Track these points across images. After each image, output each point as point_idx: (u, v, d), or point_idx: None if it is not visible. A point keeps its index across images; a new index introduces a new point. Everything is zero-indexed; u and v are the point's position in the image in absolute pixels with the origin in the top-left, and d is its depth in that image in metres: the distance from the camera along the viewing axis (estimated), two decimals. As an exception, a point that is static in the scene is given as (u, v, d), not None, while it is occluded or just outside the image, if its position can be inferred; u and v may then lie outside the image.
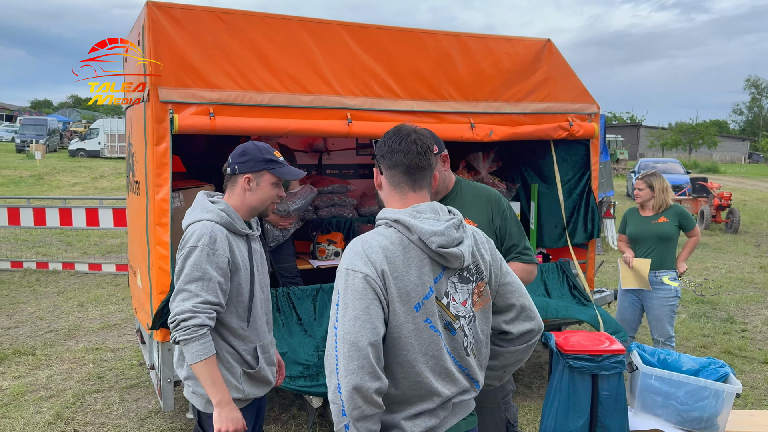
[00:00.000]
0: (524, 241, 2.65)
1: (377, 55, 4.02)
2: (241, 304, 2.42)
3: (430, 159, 1.89)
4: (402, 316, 1.73)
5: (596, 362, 3.00)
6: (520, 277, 2.53)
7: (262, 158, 2.46)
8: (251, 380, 2.46)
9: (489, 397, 2.60)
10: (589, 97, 4.79)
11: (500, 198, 2.66)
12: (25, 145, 32.98)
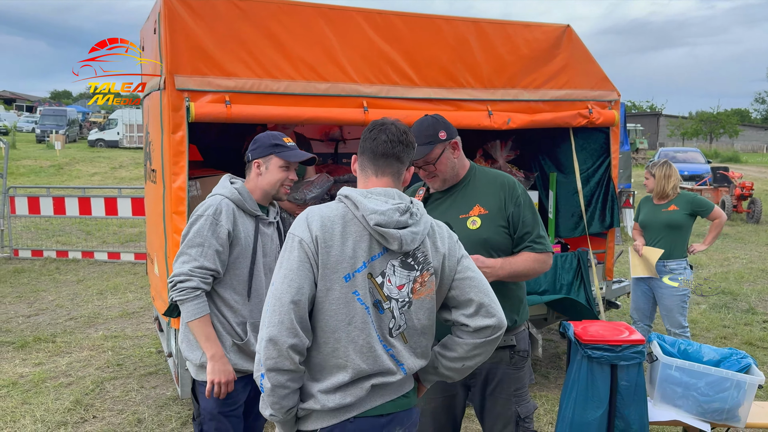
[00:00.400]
0: (538, 229, 2.56)
1: (394, 42, 3.97)
2: (238, 278, 2.56)
3: (397, 150, 1.96)
4: (329, 283, 1.83)
5: (615, 352, 2.96)
6: (531, 267, 2.53)
7: (270, 143, 2.65)
8: (240, 352, 2.57)
9: (500, 387, 2.58)
10: (609, 84, 4.71)
11: (515, 185, 2.58)
12: (45, 136, 33.36)
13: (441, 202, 2.64)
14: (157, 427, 4.20)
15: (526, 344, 2.64)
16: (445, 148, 2.55)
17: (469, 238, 2.46)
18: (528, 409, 2.60)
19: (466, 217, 2.54)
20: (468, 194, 2.59)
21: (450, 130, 2.57)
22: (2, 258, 9.41)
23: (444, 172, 2.57)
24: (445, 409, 2.69)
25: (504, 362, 2.57)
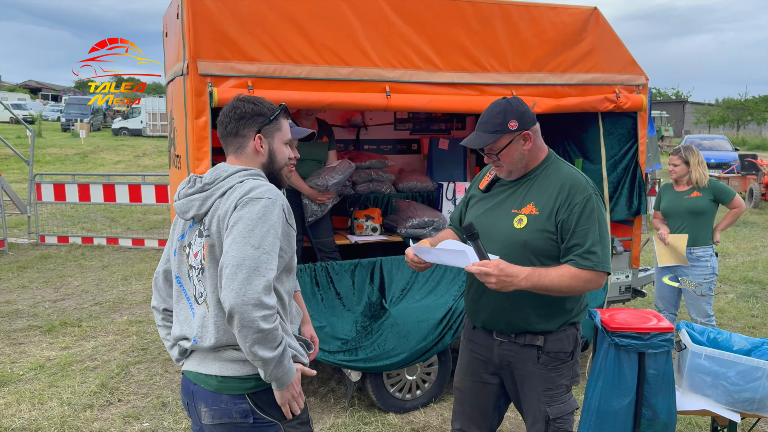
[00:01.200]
0: (592, 243, 2.28)
1: (416, 25, 3.92)
2: None
3: (229, 127, 2.10)
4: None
5: (643, 340, 2.90)
6: (567, 283, 2.27)
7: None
8: None
9: (528, 385, 2.52)
10: (637, 67, 4.60)
11: (577, 190, 2.34)
12: (70, 124, 33.81)
13: (503, 191, 2.52)
14: (181, 411, 4.25)
15: (566, 346, 2.49)
16: (514, 139, 2.37)
17: (511, 236, 2.38)
18: (562, 410, 2.47)
19: (517, 213, 2.41)
20: (529, 189, 2.44)
21: (524, 119, 2.37)
22: (29, 244, 9.57)
23: (509, 164, 2.42)
24: (475, 393, 2.67)
25: (531, 361, 2.49)
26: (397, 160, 5.93)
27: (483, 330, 2.60)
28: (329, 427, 4.04)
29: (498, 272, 2.18)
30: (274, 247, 1.91)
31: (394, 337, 4.01)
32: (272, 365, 1.90)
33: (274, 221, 1.92)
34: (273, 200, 1.95)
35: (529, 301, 2.41)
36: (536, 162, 2.47)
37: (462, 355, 2.73)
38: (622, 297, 4.95)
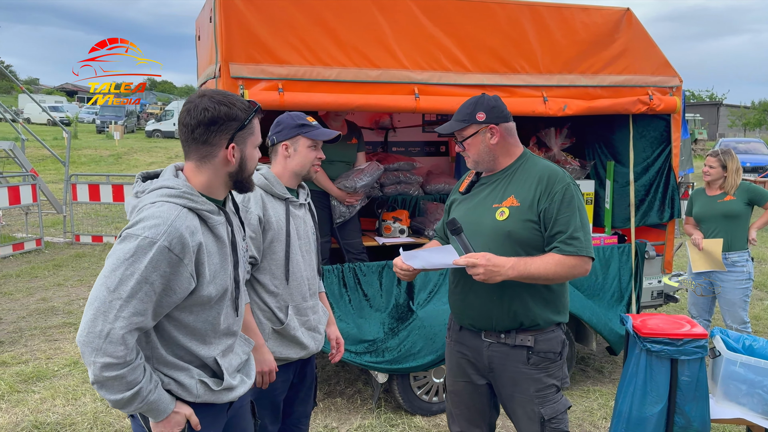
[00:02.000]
0: (574, 229, 2.34)
1: (446, 27, 3.92)
2: (275, 262, 2.55)
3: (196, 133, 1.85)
4: None
5: (676, 346, 2.85)
6: (553, 270, 2.31)
7: (295, 124, 2.62)
8: (280, 338, 2.58)
9: (520, 387, 2.50)
10: (670, 69, 4.52)
11: (556, 180, 2.40)
12: (104, 126, 34.57)
13: (484, 188, 2.58)
14: (211, 409, 4.30)
15: (555, 346, 2.50)
16: (480, 131, 2.48)
17: (495, 228, 2.43)
18: (555, 410, 2.47)
19: (498, 206, 2.46)
20: (508, 184, 2.51)
21: (492, 113, 2.47)
22: (64, 243, 9.81)
23: (474, 154, 2.52)
24: (468, 395, 2.66)
25: (520, 361, 2.48)
26: (425, 162, 5.92)
27: (470, 331, 2.59)
28: (356, 428, 4.05)
29: (485, 262, 2.25)
30: (136, 293, 1.70)
31: (420, 339, 4.00)
32: (120, 405, 1.78)
33: (143, 265, 1.69)
34: (151, 240, 1.70)
35: (517, 294, 2.43)
36: (511, 158, 2.55)
37: (450, 357, 2.71)
38: (654, 302, 4.87)
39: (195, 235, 1.79)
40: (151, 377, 1.82)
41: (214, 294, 1.88)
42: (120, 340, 1.71)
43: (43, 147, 11.74)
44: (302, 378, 2.76)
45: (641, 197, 4.68)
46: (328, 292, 3.91)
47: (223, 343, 1.98)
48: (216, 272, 1.88)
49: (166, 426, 1.88)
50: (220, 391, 1.98)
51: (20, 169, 10.82)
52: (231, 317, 1.99)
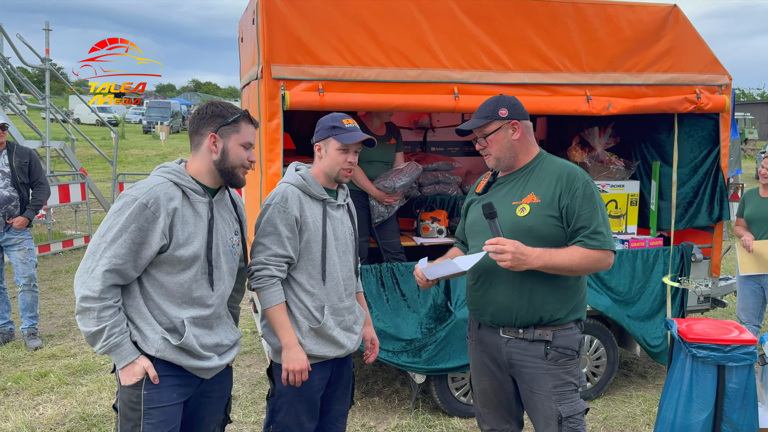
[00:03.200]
0: (596, 224, 2.41)
1: (486, 25, 3.88)
2: (312, 262, 2.59)
3: (192, 126, 2.29)
4: None
5: (723, 352, 2.77)
6: (577, 262, 2.38)
7: (328, 126, 2.64)
8: (317, 337, 2.60)
9: (538, 383, 2.51)
10: (719, 66, 4.39)
11: (576, 177, 2.47)
12: (151, 127, 35.47)
13: (501, 187, 2.62)
14: (251, 405, 4.37)
15: (571, 342, 2.51)
16: (502, 126, 2.52)
17: (516, 224, 2.46)
18: (573, 409, 2.48)
19: (518, 203, 2.51)
20: (527, 182, 2.55)
21: (515, 111, 2.54)
22: (112, 240, 10.07)
23: (496, 151, 2.55)
24: (495, 392, 2.69)
25: (539, 357, 2.50)
26: (465, 162, 5.89)
27: (490, 328, 2.61)
28: (393, 428, 4.05)
29: (514, 249, 2.31)
30: (117, 238, 2.10)
31: (458, 339, 3.98)
32: (89, 339, 2.14)
33: (125, 216, 2.11)
34: (134, 198, 2.12)
35: (537, 289, 2.47)
36: (528, 157, 2.59)
37: (473, 356, 2.75)
38: (701, 307, 4.73)
39: (172, 201, 2.17)
40: (118, 323, 2.14)
41: (185, 257, 2.19)
42: (99, 276, 2.10)
43: (92, 147, 12.11)
44: (339, 376, 2.78)
45: (689, 199, 4.56)
46: (366, 292, 3.92)
47: (194, 311, 2.25)
48: (188, 239, 2.20)
49: (126, 374, 2.18)
50: (181, 352, 2.22)
51: (70, 168, 11.17)
52: (204, 289, 2.26)
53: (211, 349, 2.31)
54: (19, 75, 10.98)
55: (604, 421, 4.14)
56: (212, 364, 2.31)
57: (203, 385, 2.37)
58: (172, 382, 2.24)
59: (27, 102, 11.30)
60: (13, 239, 5.41)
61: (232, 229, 2.39)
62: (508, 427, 2.73)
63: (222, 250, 2.32)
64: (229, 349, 2.43)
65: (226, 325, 2.41)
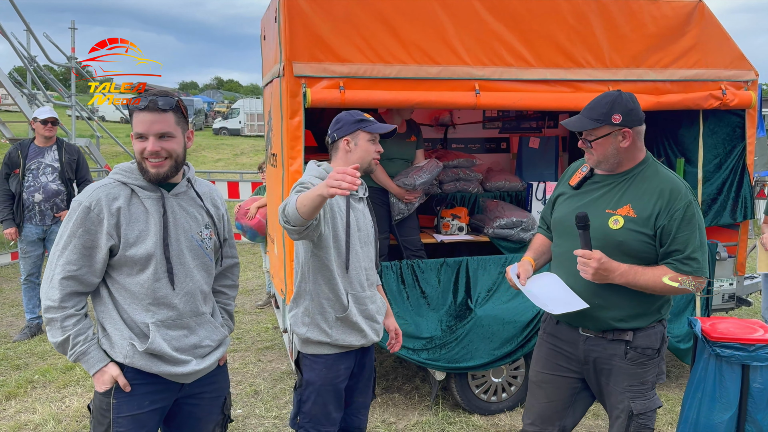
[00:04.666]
0: (691, 249, 2.30)
1: (509, 21, 3.87)
2: (338, 249, 2.63)
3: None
4: None
5: (748, 351, 2.74)
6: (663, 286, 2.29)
7: (354, 120, 2.70)
8: (343, 325, 2.65)
9: (613, 380, 2.48)
10: (745, 62, 4.32)
11: (679, 195, 2.33)
12: (175, 124, 35.79)
13: (597, 188, 2.51)
14: (272, 399, 4.41)
15: (652, 342, 2.46)
16: (612, 133, 2.37)
17: (606, 236, 2.38)
18: (646, 406, 2.45)
19: (612, 213, 2.41)
20: (626, 190, 2.43)
21: (629, 116, 2.37)
22: (137, 236, 10.23)
23: (600, 155, 2.42)
24: (551, 388, 2.64)
25: (618, 356, 2.46)
26: (486, 159, 5.87)
27: (568, 326, 2.57)
28: (413, 425, 4.07)
29: (598, 264, 2.27)
30: (67, 245, 2.12)
31: (478, 338, 3.97)
32: (59, 349, 2.16)
33: (72, 222, 2.12)
34: (79, 203, 2.13)
35: (619, 301, 2.40)
36: (633, 162, 2.45)
37: (540, 348, 2.70)
38: (726, 306, 4.67)
39: (116, 201, 2.13)
40: (82, 332, 2.15)
41: (138, 256, 2.14)
42: (57, 285, 2.11)
43: (117, 144, 12.29)
44: (362, 368, 2.82)
45: (714, 196, 4.50)
46: (386, 289, 3.94)
47: (161, 313, 2.19)
48: (139, 237, 2.14)
49: (97, 381, 2.18)
50: (151, 357, 2.16)
51: (95, 164, 11.37)
52: (166, 288, 2.18)
53: (187, 352, 2.24)
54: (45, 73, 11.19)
55: (626, 420, 4.11)
56: (188, 369, 2.22)
57: (191, 388, 2.31)
58: (144, 390, 2.19)
59: (53, 100, 11.52)
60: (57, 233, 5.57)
61: (201, 223, 2.29)
62: (552, 429, 2.66)
63: (186, 245, 2.23)
64: (213, 350, 2.35)
65: (209, 324, 2.33)
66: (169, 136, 2.15)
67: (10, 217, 5.45)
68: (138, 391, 2.19)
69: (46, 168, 5.49)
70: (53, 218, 5.54)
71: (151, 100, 2.11)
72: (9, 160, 5.49)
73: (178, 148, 2.18)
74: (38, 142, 5.54)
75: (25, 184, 5.43)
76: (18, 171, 5.42)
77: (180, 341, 2.22)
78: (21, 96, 9.71)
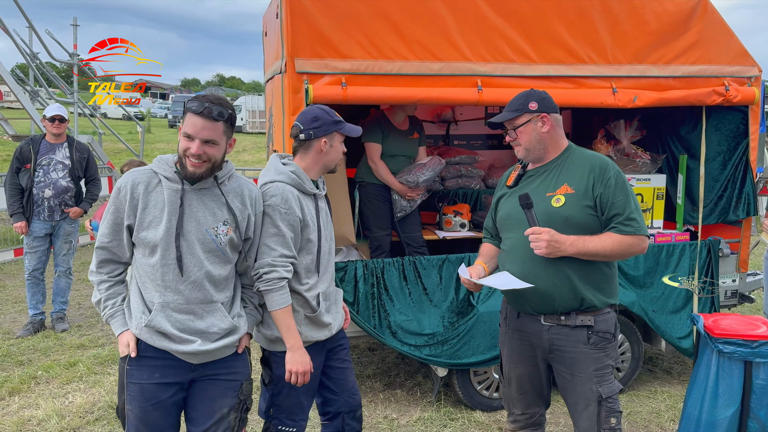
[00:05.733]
0: (630, 211, 2.53)
1: (511, 17, 3.86)
2: (310, 256, 2.67)
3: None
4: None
5: (751, 348, 2.73)
6: (611, 248, 2.48)
7: (332, 120, 2.70)
8: (311, 324, 2.70)
9: (578, 366, 2.59)
10: (749, 58, 4.30)
11: (608, 167, 2.58)
12: (176, 121, 35.86)
13: (532, 179, 2.70)
14: (274, 396, 4.41)
15: (610, 326, 2.62)
16: (532, 119, 2.62)
17: (551, 215, 2.56)
18: (612, 389, 2.58)
19: (552, 195, 2.59)
20: (559, 173, 2.64)
21: (544, 105, 2.63)
22: (139, 233, 10.23)
23: (526, 142, 2.64)
24: (529, 378, 2.77)
25: (581, 342, 2.58)
26: (488, 156, 5.86)
27: (531, 316, 2.68)
28: (415, 420, 4.07)
29: (549, 237, 2.46)
30: (104, 220, 2.38)
31: (480, 334, 3.97)
32: (96, 308, 2.44)
33: (111, 199, 2.35)
34: (116, 184, 2.36)
35: (576, 273, 2.55)
36: (558, 150, 2.68)
37: (509, 345, 2.80)
38: (728, 302, 4.66)
39: (140, 186, 2.32)
40: (112, 297, 2.41)
41: (148, 240, 2.31)
42: (95, 253, 2.41)
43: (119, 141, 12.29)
44: (339, 349, 2.88)
45: (719, 194, 4.49)
46: (389, 286, 3.95)
47: (169, 296, 2.33)
48: (151, 223, 2.31)
49: (119, 344, 2.40)
50: (154, 332, 2.32)
51: (98, 161, 11.36)
52: (173, 274, 2.32)
53: (195, 334, 2.35)
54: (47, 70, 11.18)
55: (628, 416, 4.11)
56: (190, 348, 2.33)
57: (204, 369, 2.42)
58: (153, 363, 2.35)
59: (55, 97, 11.52)
60: (65, 229, 5.66)
61: (219, 219, 2.39)
62: (538, 410, 2.84)
63: (199, 237, 2.34)
64: (221, 337, 2.42)
65: (219, 313, 2.41)
66: (213, 143, 2.29)
67: (20, 210, 5.49)
68: (147, 363, 2.35)
69: (57, 165, 5.53)
70: (61, 214, 5.58)
71: (206, 107, 2.24)
72: (20, 155, 5.52)
73: (218, 154, 2.33)
74: (49, 138, 5.59)
75: (36, 179, 5.47)
76: (29, 166, 5.46)
77: (185, 324, 2.35)
78: (23, 93, 9.71)
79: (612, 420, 2.56)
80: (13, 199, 5.49)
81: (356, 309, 3.87)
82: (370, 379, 4.73)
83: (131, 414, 2.37)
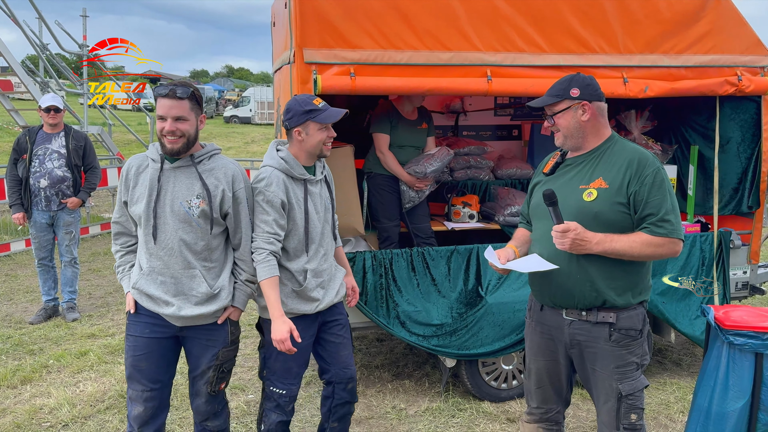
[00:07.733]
0: (665, 212, 2.41)
1: (521, 6, 3.82)
2: (296, 236, 2.87)
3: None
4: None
5: (762, 339, 2.71)
6: (639, 249, 2.39)
7: (303, 111, 2.82)
8: (297, 297, 2.89)
9: (600, 363, 2.54)
10: (762, 48, 4.25)
11: (647, 163, 2.45)
12: (185, 113, 35.88)
13: (569, 169, 2.63)
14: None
15: (635, 323, 2.53)
16: (572, 106, 2.52)
17: (582, 209, 2.48)
18: (634, 387, 2.51)
19: (585, 188, 2.52)
20: (596, 166, 2.54)
21: (587, 91, 2.52)
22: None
23: (565, 129, 2.56)
24: (549, 372, 2.74)
25: (602, 338, 2.52)
26: (497, 147, 5.83)
27: (552, 309, 2.64)
28: (423, 411, 4.08)
29: (574, 234, 2.38)
30: (118, 194, 2.75)
31: (489, 325, 3.97)
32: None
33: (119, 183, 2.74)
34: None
35: (600, 273, 2.48)
36: (599, 139, 2.58)
37: (532, 337, 2.78)
38: (739, 294, 4.63)
39: (134, 167, 2.69)
40: (122, 264, 2.82)
41: (136, 213, 2.67)
42: (112, 228, 2.83)
43: (129, 131, 12.33)
44: (334, 324, 3.05)
45: (735, 186, 4.45)
46: (397, 276, 3.95)
47: (152, 261, 2.67)
48: (137, 198, 2.65)
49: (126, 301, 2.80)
50: (140, 293, 2.70)
51: (107, 152, 11.41)
52: (152, 242, 2.66)
53: (177, 296, 2.67)
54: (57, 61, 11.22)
55: (637, 408, 4.10)
56: (168, 311, 2.67)
57: (188, 331, 2.76)
58: (145, 320, 2.73)
59: (65, 88, 11.56)
60: (65, 219, 5.63)
61: (192, 193, 2.66)
62: (555, 407, 2.80)
63: (172, 209, 2.64)
64: (201, 302, 2.69)
65: (198, 278, 2.69)
66: (183, 119, 2.58)
67: (18, 201, 5.51)
68: (140, 320, 2.74)
69: (53, 154, 5.53)
70: (59, 204, 5.57)
71: (171, 89, 2.56)
72: (18, 146, 5.54)
73: (191, 129, 2.62)
74: (46, 128, 5.60)
75: (32, 169, 5.48)
76: (26, 156, 5.47)
77: (168, 287, 2.68)
78: (34, 84, 9.74)
79: (632, 416, 2.50)
80: (12, 190, 5.51)
81: (365, 299, 3.88)
82: (379, 370, 4.74)
83: (127, 362, 2.75)
